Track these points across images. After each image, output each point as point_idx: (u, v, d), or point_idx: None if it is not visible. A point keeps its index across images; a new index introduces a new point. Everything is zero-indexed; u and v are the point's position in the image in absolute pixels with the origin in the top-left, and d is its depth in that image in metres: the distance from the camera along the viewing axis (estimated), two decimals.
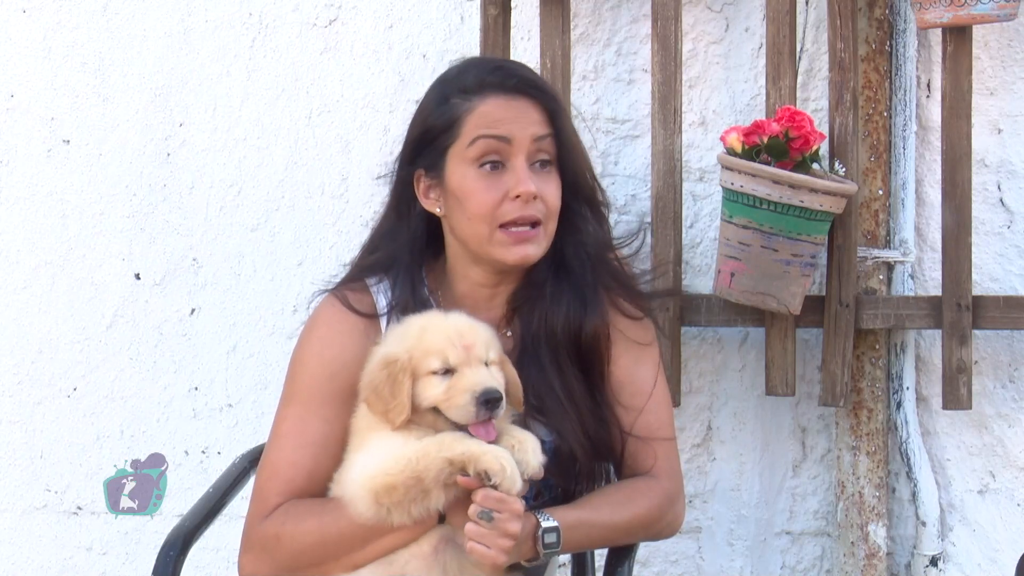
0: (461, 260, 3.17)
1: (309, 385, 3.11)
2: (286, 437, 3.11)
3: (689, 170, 3.88)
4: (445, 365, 2.95)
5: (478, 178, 3.09)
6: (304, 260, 4.05)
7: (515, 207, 3.08)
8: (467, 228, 3.11)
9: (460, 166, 3.10)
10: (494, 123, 3.09)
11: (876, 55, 3.76)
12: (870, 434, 3.79)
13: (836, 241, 3.67)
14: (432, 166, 3.13)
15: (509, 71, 3.16)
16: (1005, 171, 3.81)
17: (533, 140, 3.10)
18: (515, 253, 3.09)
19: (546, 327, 3.13)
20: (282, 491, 3.08)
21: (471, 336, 2.97)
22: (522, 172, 3.08)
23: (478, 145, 3.08)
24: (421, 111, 3.19)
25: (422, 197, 3.16)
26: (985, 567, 3.84)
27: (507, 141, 3.08)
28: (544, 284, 3.15)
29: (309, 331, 3.17)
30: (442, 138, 3.11)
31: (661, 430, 3.18)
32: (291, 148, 4.05)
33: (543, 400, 3.11)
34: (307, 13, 4.03)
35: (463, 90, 3.12)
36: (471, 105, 3.10)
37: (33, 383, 4.14)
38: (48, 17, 4.11)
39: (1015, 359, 3.81)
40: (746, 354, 3.90)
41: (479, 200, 3.08)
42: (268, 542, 3.07)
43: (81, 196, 4.11)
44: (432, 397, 2.95)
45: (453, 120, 3.10)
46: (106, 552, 4.15)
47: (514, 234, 3.08)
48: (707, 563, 3.95)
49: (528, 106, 3.12)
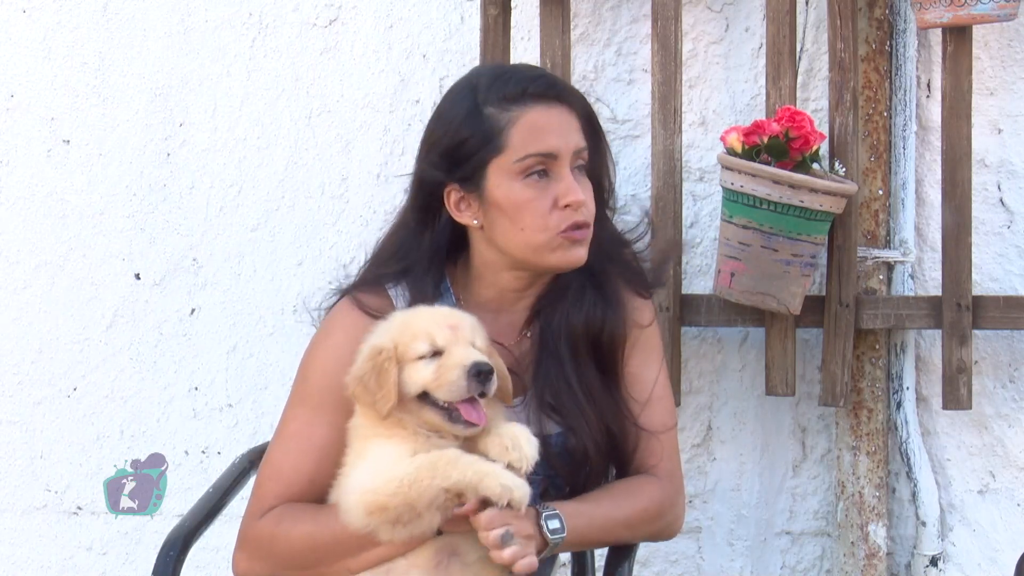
0: (493, 267, 3.14)
1: (320, 390, 3.10)
2: (292, 439, 3.11)
3: (689, 170, 3.88)
4: (433, 347, 2.93)
5: (526, 188, 3.06)
6: (304, 260, 4.05)
7: (567, 215, 3.06)
8: (518, 238, 3.07)
9: (504, 179, 3.06)
10: (540, 135, 3.05)
11: (876, 55, 3.76)
12: (870, 434, 3.79)
13: (836, 241, 3.67)
14: (468, 179, 3.08)
15: (547, 79, 3.14)
16: (1005, 171, 3.81)
17: (575, 153, 3.09)
18: (572, 256, 3.08)
19: (567, 326, 3.13)
20: (281, 493, 3.08)
21: (456, 319, 2.97)
22: (570, 181, 3.06)
23: (527, 162, 3.05)
24: (448, 121, 3.11)
25: (453, 209, 3.11)
26: (985, 567, 3.84)
27: (554, 157, 3.06)
28: (568, 284, 3.15)
29: (325, 335, 3.15)
30: (483, 152, 3.06)
31: (664, 427, 3.19)
32: (291, 148, 4.05)
33: (560, 397, 3.11)
34: (307, 13, 4.03)
35: (501, 97, 3.07)
36: (512, 116, 3.06)
37: (33, 383, 4.14)
38: (48, 17, 4.11)
39: (1015, 359, 3.81)
40: (746, 354, 3.90)
41: (533, 211, 3.05)
42: (263, 541, 3.06)
43: (81, 196, 4.11)
44: (420, 381, 2.93)
45: (494, 132, 3.05)
46: (106, 552, 4.15)
47: (571, 235, 3.07)
48: (707, 563, 3.95)
49: (568, 115, 3.10)
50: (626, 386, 3.18)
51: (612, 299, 3.16)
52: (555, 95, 3.09)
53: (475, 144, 3.06)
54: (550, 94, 3.09)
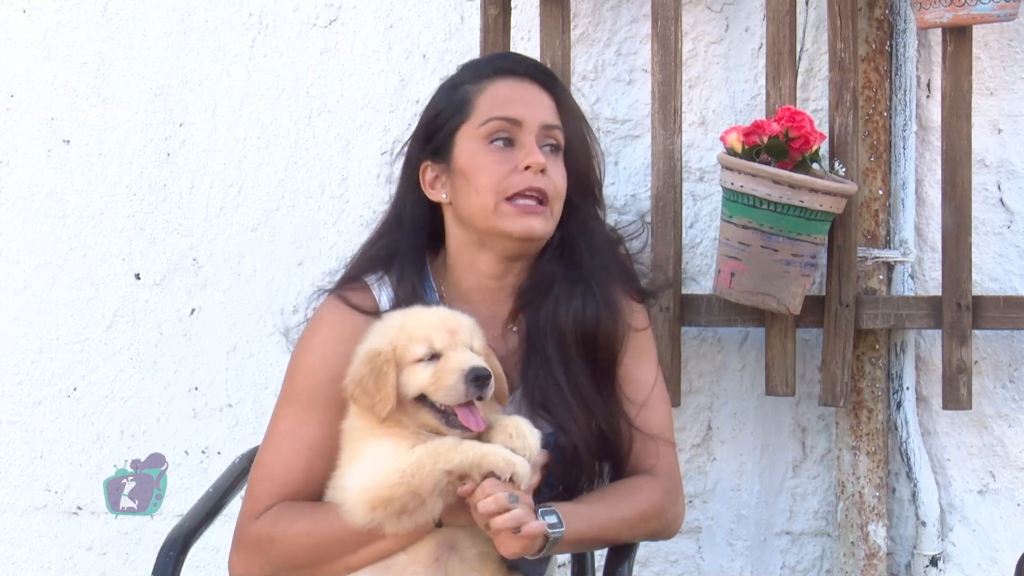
0: (466, 248, 3.17)
1: (309, 388, 3.11)
2: (283, 439, 3.11)
3: (689, 170, 3.88)
4: (431, 350, 2.94)
5: (488, 152, 3.12)
6: (304, 260, 4.05)
7: (523, 179, 3.10)
8: (474, 202, 3.11)
9: (470, 144, 3.13)
10: (506, 103, 3.13)
11: (876, 55, 3.76)
12: (870, 434, 3.79)
13: (836, 241, 3.67)
14: (439, 150, 3.16)
15: (519, 58, 3.25)
16: (1005, 171, 3.81)
17: (543, 127, 3.14)
18: (521, 224, 3.10)
19: (554, 322, 3.13)
20: (275, 493, 3.08)
21: (455, 322, 2.97)
22: (532, 147, 3.12)
23: (490, 125, 3.12)
24: (431, 102, 3.24)
25: (427, 188, 3.18)
26: (985, 567, 3.84)
27: (518, 123, 3.12)
28: (553, 279, 3.16)
29: (311, 333, 3.17)
30: (452, 120, 3.15)
31: (660, 428, 3.19)
32: (291, 148, 4.05)
33: (548, 396, 3.11)
34: (307, 13, 4.03)
35: (474, 75, 3.18)
36: (482, 86, 3.15)
37: (33, 383, 4.14)
38: (48, 17, 4.11)
39: (1015, 359, 3.81)
40: (746, 354, 3.90)
41: (488, 172, 3.10)
42: (261, 542, 3.06)
43: (81, 196, 4.11)
44: (418, 384, 2.93)
45: (463, 102, 3.15)
46: (106, 552, 4.15)
47: (521, 206, 3.10)
48: (707, 563, 3.95)
49: (539, 92, 3.17)
50: (621, 387, 3.18)
51: (605, 298, 3.16)
52: (524, 71, 3.19)
53: (446, 115, 3.17)
54: (518, 69, 3.19)
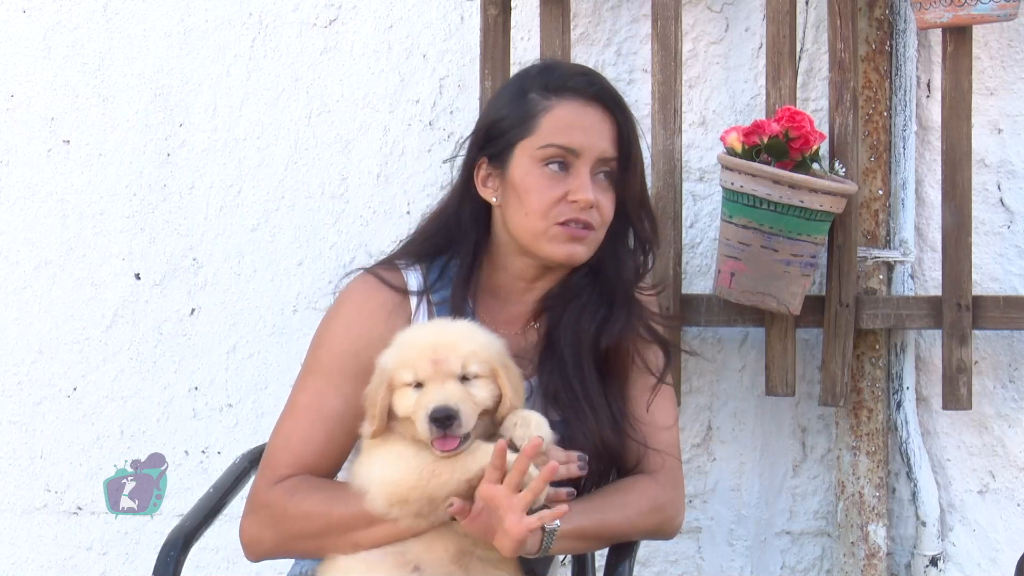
0: (506, 250, 3.21)
1: (332, 359, 3.13)
2: (303, 410, 3.13)
3: (689, 170, 3.88)
4: (416, 379, 2.95)
5: (542, 176, 3.14)
6: (304, 260, 4.05)
7: (571, 209, 3.13)
8: (523, 222, 3.15)
9: (526, 161, 3.15)
10: (568, 129, 3.14)
11: (876, 55, 3.76)
12: (870, 434, 3.79)
13: (836, 241, 3.67)
14: (497, 156, 3.17)
15: (592, 79, 3.22)
16: (1005, 171, 3.81)
17: (599, 159, 3.15)
18: (564, 250, 3.14)
19: (574, 330, 3.17)
20: (292, 463, 3.10)
21: (444, 351, 2.95)
22: (584, 180, 3.13)
23: (548, 151, 3.13)
24: (496, 100, 3.26)
25: (479, 184, 3.20)
26: (985, 567, 3.84)
27: (575, 153, 3.14)
28: (580, 290, 3.20)
29: (339, 305, 3.19)
30: (514, 131, 3.16)
31: (670, 450, 3.21)
32: (291, 148, 4.05)
33: (559, 397, 3.14)
34: (307, 13, 4.03)
35: (544, 87, 3.17)
36: (549, 105, 3.15)
37: (33, 383, 4.14)
38: (48, 17, 4.11)
39: (1015, 359, 3.81)
40: (746, 354, 3.90)
41: (539, 196, 3.13)
42: (275, 510, 3.07)
43: (81, 196, 4.11)
44: (405, 408, 2.96)
45: (528, 116, 3.15)
46: (106, 552, 4.15)
47: (569, 230, 3.13)
48: (707, 563, 3.95)
49: (603, 118, 3.17)
50: (630, 403, 3.20)
51: (622, 315, 3.20)
52: (594, 94, 3.17)
53: (509, 123, 3.17)
54: (589, 91, 3.17)
